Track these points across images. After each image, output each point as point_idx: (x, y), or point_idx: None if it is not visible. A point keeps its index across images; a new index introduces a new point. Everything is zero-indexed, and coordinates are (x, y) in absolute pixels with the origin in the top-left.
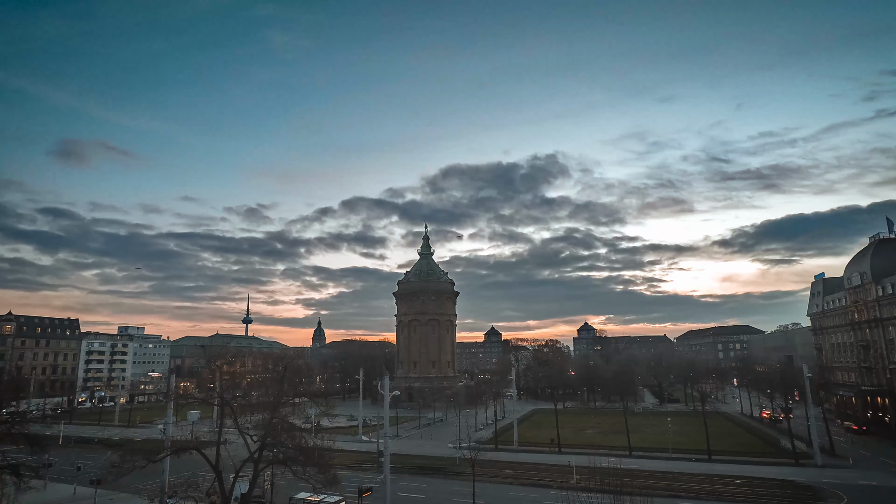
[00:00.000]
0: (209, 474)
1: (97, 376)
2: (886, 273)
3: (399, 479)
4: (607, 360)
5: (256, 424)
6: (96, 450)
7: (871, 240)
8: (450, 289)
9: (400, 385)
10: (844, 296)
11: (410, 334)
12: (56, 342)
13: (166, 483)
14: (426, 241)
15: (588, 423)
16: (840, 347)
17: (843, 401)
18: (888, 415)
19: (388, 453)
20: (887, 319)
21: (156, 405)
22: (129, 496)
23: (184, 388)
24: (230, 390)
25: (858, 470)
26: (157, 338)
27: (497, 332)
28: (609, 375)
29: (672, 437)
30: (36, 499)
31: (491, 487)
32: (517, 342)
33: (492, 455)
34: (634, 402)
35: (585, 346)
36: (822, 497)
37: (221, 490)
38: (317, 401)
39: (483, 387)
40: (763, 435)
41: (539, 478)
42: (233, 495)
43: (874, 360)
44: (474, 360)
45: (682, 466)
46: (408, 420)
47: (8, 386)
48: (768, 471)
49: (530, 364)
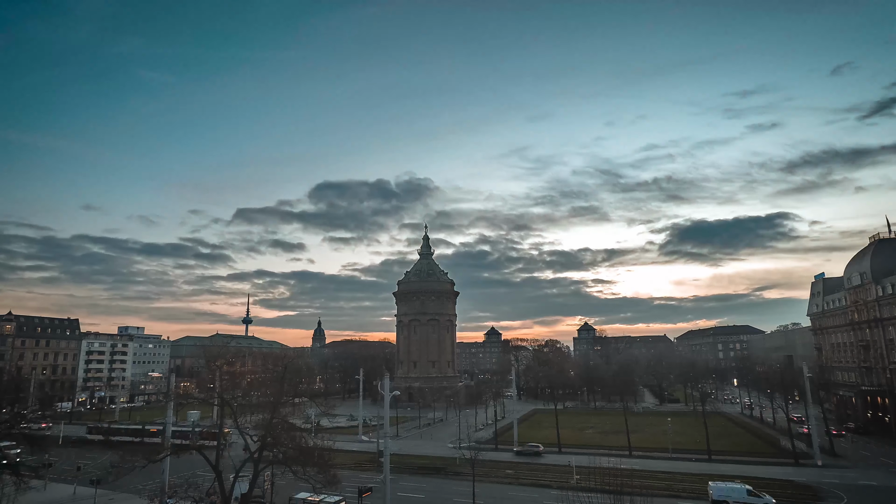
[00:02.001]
0: (209, 474)
1: (97, 376)
2: (886, 273)
3: (399, 479)
4: (607, 361)
5: (256, 424)
6: (96, 450)
7: (870, 240)
8: (450, 289)
9: (400, 385)
10: (844, 296)
11: (410, 334)
12: (56, 342)
13: (166, 483)
14: (426, 241)
15: (588, 423)
16: (840, 347)
17: (843, 401)
18: (888, 415)
19: (388, 453)
20: (887, 319)
21: (156, 405)
22: (129, 496)
23: (184, 388)
24: (230, 390)
25: (858, 470)
26: (157, 338)
27: (497, 332)
28: (609, 375)
29: (672, 437)
30: (36, 499)
31: (491, 487)
32: (517, 342)
33: (492, 455)
34: (634, 402)
35: (585, 346)
36: (822, 497)
37: (221, 490)
38: (317, 401)
39: (483, 387)
40: (763, 435)
41: (539, 478)
42: (233, 495)
43: (874, 360)
44: (474, 360)
45: (682, 466)
46: (408, 420)
47: (8, 386)
48: (768, 471)
49: (530, 364)
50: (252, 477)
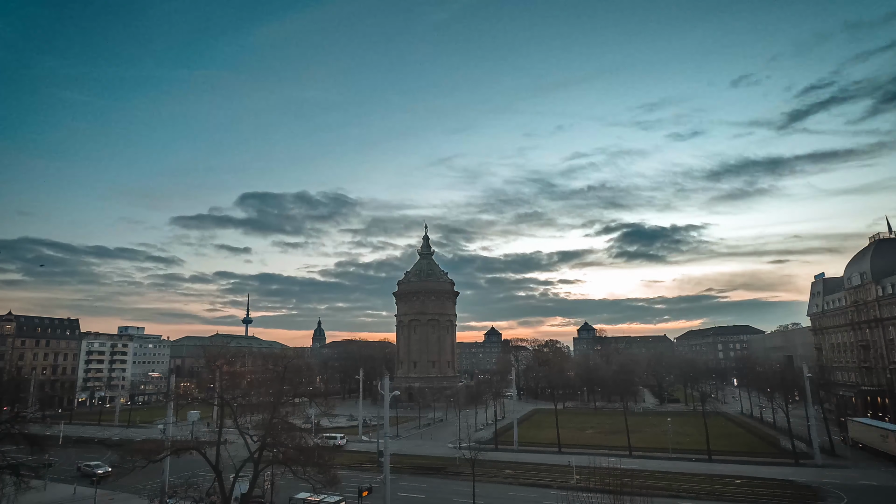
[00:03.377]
0: (209, 474)
1: (97, 376)
2: (886, 273)
3: (399, 479)
4: (607, 360)
5: (256, 424)
6: (96, 450)
7: (870, 240)
8: (450, 289)
9: (400, 385)
10: (844, 296)
11: (410, 334)
12: (56, 342)
13: (166, 483)
14: (426, 241)
15: (588, 423)
16: (840, 347)
17: (843, 401)
18: (888, 415)
19: (388, 453)
20: (887, 319)
21: (156, 405)
22: (129, 496)
23: (184, 388)
24: (230, 390)
25: (858, 470)
26: (157, 338)
27: (497, 332)
28: (609, 375)
29: (672, 437)
30: (36, 499)
31: (491, 487)
32: (517, 342)
33: (492, 455)
34: (634, 402)
35: (585, 346)
36: (822, 497)
37: (221, 490)
38: (317, 401)
39: (483, 387)
40: (763, 435)
41: (539, 478)
42: (233, 495)
43: (874, 360)
44: (474, 360)
45: (682, 466)
46: (408, 420)
47: (8, 386)
48: (768, 471)
49: (530, 364)
50: (252, 477)
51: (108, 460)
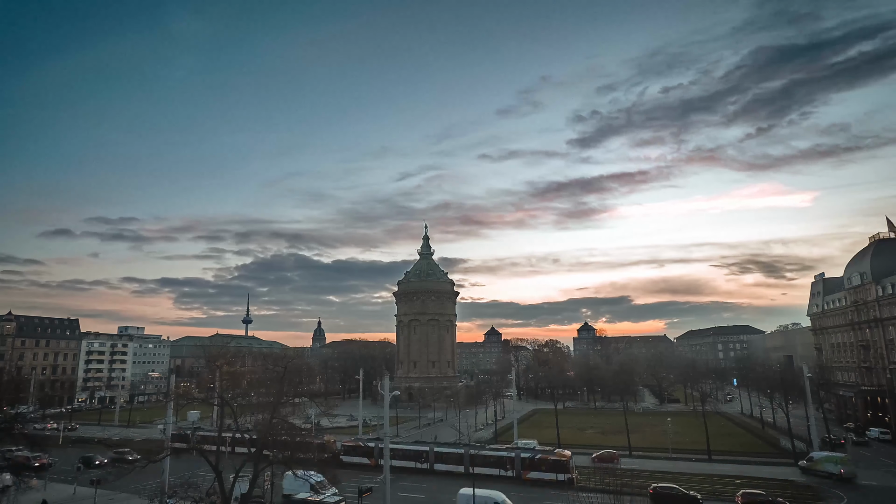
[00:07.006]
0: (209, 474)
1: (97, 376)
2: (886, 273)
3: (399, 479)
4: (607, 360)
5: (256, 424)
6: (96, 450)
7: (870, 240)
8: (450, 289)
9: (400, 385)
10: (844, 296)
11: (410, 334)
12: (56, 342)
13: (166, 483)
14: (426, 241)
15: (588, 423)
16: (840, 347)
17: (843, 401)
18: (888, 415)
19: (388, 453)
20: (887, 319)
21: (156, 405)
22: (129, 496)
23: (184, 388)
24: (230, 390)
25: (858, 470)
26: (157, 338)
27: (497, 332)
28: (609, 375)
29: (672, 437)
30: (36, 499)
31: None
32: (517, 342)
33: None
34: (634, 402)
35: (585, 346)
36: (822, 497)
37: (221, 490)
38: (317, 401)
39: (483, 387)
40: (763, 435)
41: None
42: (233, 495)
43: (874, 360)
44: (474, 360)
45: (682, 466)
46: (408, 420)
47: (8, 386)
48: (768, 471)
49: (530, 364)
50: (252, 477)
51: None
